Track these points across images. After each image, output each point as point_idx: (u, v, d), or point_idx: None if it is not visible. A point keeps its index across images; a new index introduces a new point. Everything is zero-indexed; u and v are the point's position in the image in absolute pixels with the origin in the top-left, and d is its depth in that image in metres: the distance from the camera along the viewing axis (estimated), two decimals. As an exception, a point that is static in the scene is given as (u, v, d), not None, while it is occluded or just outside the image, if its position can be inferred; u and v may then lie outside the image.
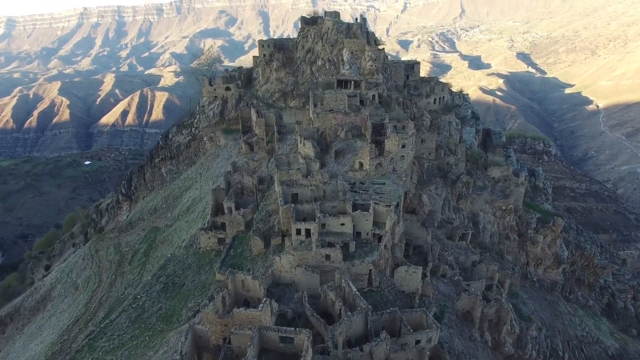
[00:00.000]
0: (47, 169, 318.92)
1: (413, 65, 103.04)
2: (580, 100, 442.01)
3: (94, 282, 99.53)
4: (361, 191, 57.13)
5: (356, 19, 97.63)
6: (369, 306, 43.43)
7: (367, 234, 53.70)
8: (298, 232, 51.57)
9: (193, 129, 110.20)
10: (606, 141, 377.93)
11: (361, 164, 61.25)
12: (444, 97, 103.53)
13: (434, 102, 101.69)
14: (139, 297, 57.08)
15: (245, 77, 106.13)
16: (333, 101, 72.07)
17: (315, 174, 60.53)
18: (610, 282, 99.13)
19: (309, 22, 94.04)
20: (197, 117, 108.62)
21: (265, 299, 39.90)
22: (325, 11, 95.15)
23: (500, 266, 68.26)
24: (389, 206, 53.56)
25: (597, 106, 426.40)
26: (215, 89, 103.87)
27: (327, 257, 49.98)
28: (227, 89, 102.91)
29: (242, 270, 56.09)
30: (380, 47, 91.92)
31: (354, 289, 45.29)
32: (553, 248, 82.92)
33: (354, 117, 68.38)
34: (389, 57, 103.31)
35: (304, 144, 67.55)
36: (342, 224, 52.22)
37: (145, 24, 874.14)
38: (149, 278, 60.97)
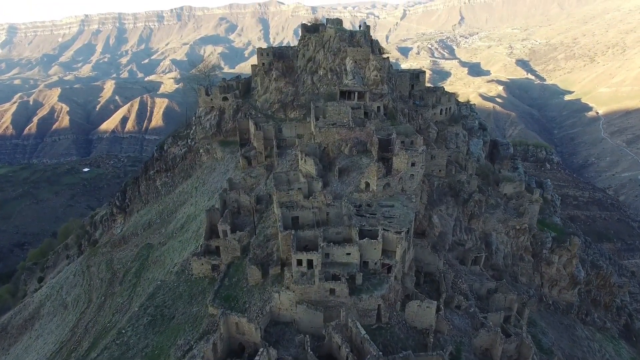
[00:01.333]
0: (45, 176, 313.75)
1: (418, 75, 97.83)
2: (580, 107, 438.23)
3: (84, 301, 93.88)
4: (368, 215, 51.58)
5: (359, 26, 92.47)
6: (380, 353, 37.81)
7: (375, 263, 48.15)
8: (299, 262, 46.03)
9: (189, 141, 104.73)
10: (606, 148, 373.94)
11: (367, 184, 55.74)
12: (450, 107, 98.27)
13: (441, 113, 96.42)
14: (123, 331, 51.36)
15: (244, 87, 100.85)
16: (336, 114, 66.73)
17: (318, 194, 55.05)
18: (627, 301, 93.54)
19: (310, 30, 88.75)
20: (193, 128, 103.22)
21: (262, 349, 34.26)
22: (326, 18, 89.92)
23: (516, 292, 62.67)
24: (400, 233, 48.04)
25: (597, 113, 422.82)
26: (212, 99, 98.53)
27: (332, 291, 44.41)
28: (225, 99, 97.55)
29: (238, 301, 50.52)
30: (384, 55, 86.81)
31: (362, 332, 39.67)
32: (569, 268, 77.32)
33: (359, 131, 62.94)
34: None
35: (305, 160, 62.07)
36: (348, 254, 46.69)
37: (145, 30, 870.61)
38: (136, 309, 55.30)
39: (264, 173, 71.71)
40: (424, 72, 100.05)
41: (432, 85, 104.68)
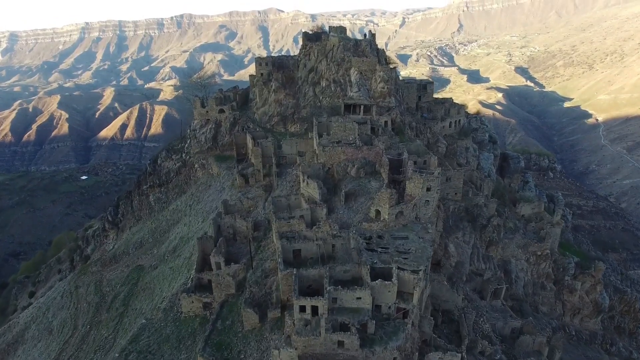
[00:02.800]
0: (42, 184, 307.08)
1: (426, 85, 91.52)
2: (580, 114, 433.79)
3: (69, 327, 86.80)
4: (380, 249, 44.88)
5: (364, 35, 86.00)
6: None
7: (390, 307, 41.37)
8: (302, 309, 39.26)
9: (183, 155, 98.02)
10: (607, 155, 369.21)
11: (378, 212, 49.04)
12: (460, 120, 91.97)
13: (450, 126, 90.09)
14: (101, 382, 44.54)
15: (241, 98, 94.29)
16: (341, 131, 60.10)
17: (322, 224, 48.31)
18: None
19: (312, 39, 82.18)
20: (188, 141, 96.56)
21: None
22: (329, 26, 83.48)
23: (544, 334, 55.61)
24: (417, 272, 41.31)
25: (597, 120, 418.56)
26: (207, 111, 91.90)
27: (340, 344, 37.60)
28: (221, 111, 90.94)
29: (232, 349, 43.62)
30: (391, 65, 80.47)
31: (379, 400, 32.89)
32: (592, 295, 70.59)
33: (367, 151, 56.33)
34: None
35: (307, 183, 55.40)
36: (359, 298, 39.91)
37: (146, 38, 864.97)
38: (117, 355, 48.36)
39: (262, 195, 64.93)
40: (432, 82, 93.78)
41: (439, 97, 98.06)
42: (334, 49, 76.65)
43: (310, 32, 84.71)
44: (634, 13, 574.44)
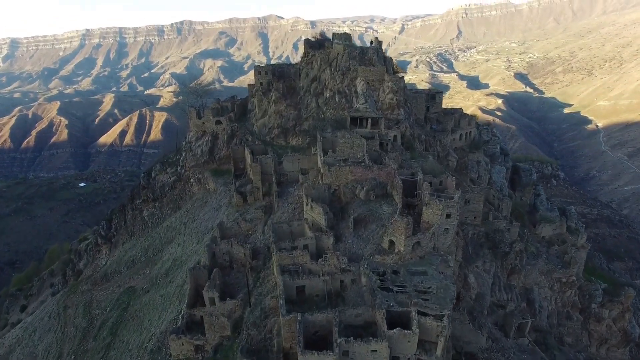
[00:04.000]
0: (40, 191, 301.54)
1: (434, 95, 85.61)
2: (580, 120, 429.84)
3: (54, 354, 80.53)
4: (395, 288, 38.74)
5: (371, 42, 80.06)
6: None
7: (409, 358, 35.23)
8: (308, 364, 33.05)
9: (179, 168, 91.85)
10: (608, 161, 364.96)
11: (392, 243, 42.94)
12: (470, 132, 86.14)
13: (460, 139, 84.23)
14: None
15: (240, 109, 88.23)
16: (348, 147, 54.09)
17: (330, 257, 42.19)
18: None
19: (314, 46, 76.21)
20: (184, 154, 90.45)
21: None
22: (333, 33, 77.56)
23: (562, 358, 49.84)
24: (441, 319, 35.15)
25: (597, 126, 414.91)
26: (203, 123, 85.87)
27: (353, 408, 31.45)
28: (218, 122, 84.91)
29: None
30: (400, 74, 74.63)
31: None
32: (620, 323, 64.37)
33: (378, 170, 50.24)
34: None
35: (311, 207, 49.29)
36: (374, 351, 33.73)
37: (146, 44, 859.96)
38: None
39: (261, 217, 58.73)
40: (440, 92, 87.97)
41: (449, 107, 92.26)
42: (339, 57, 70.78)
43: (313, 39, 78.76)
44: (631, 20, 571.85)
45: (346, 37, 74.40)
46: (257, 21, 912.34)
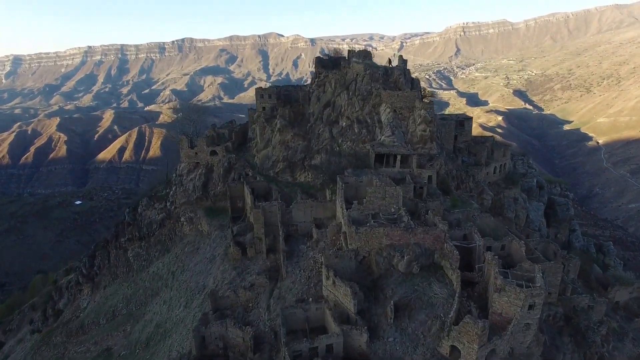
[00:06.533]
0: (34, 210, 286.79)
1: (463, 122, 72.48)
2: (580, 137, 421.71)
3: None
4: None
5: (389, 60, 67.08)
6: None
7: None
8: None
9: (168, 204, 77.98)
10: (610, 178, 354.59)
11: (454, 349, 29.16)
12: (505, 164, 72.94)
13: (494, 172, 70.97)
14: None
15: (238, 137, 74.84)
16: (379, 198, 40.43)
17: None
18: None
19: (327, 66, 62.94)
20: (174, 188, 76.75)
21: None
22: (349, 50, 64.47)
23: None
24: None
25: (597, 142, 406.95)
26: (196, 153, 72.53)
27: None
28: (213, 153, 71.52)
29: None
30: (427, 99, 61.50)
31: None
32: None
33: (422, 234, 36.68)
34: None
35: (334, 282, 35.48)
36: None
37: (147, 61, 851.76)
38: None
39: (265, 284, 44.71)
40: (470, 118, 74.90)
41: (479, 135, 79.19)
42: (358, 79, 57.62)
43: (325, 58, 65.47)
44: (627, 38, 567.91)
45: (365, 54, 61.21)
46: (257, 39, 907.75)
